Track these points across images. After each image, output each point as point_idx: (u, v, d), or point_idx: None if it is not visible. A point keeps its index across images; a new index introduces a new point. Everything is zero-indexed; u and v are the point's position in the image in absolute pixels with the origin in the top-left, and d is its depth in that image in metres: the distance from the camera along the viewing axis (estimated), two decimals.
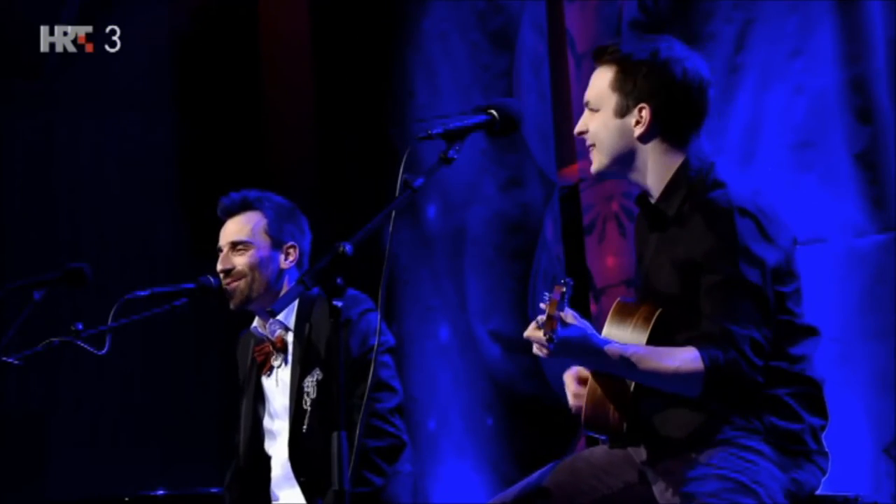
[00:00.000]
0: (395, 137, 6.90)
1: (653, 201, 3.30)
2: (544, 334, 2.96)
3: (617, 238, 5.65)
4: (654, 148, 3.26)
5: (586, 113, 3.34)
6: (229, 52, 7.33)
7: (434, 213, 6.70)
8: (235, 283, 4.22)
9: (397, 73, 6.94)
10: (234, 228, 4.27)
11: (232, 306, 4.26)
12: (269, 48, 7.40)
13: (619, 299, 3.32)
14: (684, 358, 3.08)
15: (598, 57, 3.33)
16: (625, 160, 3.29)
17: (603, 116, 3.29)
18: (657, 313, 3.21)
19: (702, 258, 3.13)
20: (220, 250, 4.29)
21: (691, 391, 3.10)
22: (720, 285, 3.10)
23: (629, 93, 3.25)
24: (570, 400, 3.34)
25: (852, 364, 4.54)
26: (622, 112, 3.26)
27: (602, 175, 3.35)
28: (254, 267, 4.22)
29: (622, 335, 3.21)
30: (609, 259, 5.70)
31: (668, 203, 3.25)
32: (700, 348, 3.08)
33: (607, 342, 3.11)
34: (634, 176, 3.31)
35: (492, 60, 6.43)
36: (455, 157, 3.11)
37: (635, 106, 3.25)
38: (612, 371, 3.16)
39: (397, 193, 3.00)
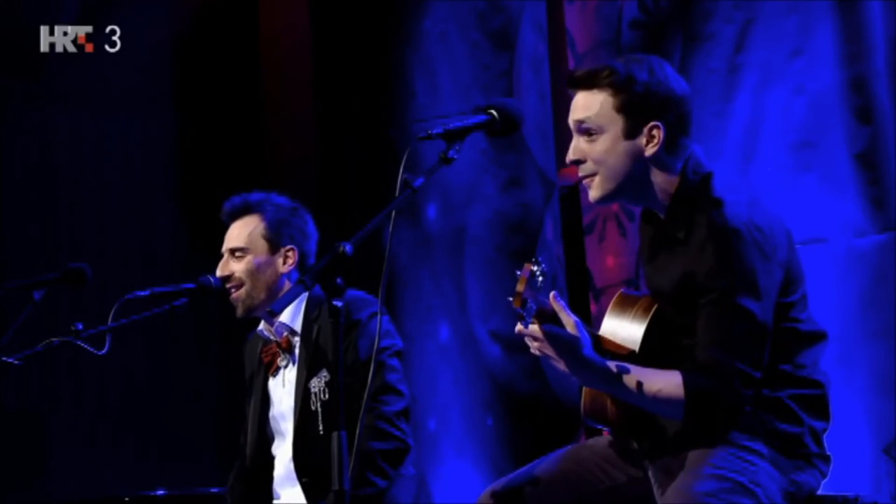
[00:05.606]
0: (395, 137, 6.89)
1: (662, 217, 3.27)
2: (517, 314, 2.98)
3: (617, 238, 5.64)
4: (658, 166, 3.21)
5: (580, 139, 3.25)
6: (229, 52, 7.32)
7: (434, 213, 6.70)
8: (237, 293, 4.24)
9: (397, 73, 6.93)
10: (234, 234, 4.29)
11: (238, 315, 4.29)
12: (269, 48, 7.39)
13: (621, 290, 3.32)
14: (667, 382, 3.08)
15: (589, 81, 3.23)
16: (634, 182, 3.22)
17: (608, 140, 3.21)
18: (657, 305, 3.22)
19: (701, 279, 3.11)
20: (223, 255, 4.31)
21: (674, 415, 3.11)
22: (715, 309, 3.08)
23: (638, 113, 3.18)
24: None
25: (852, 364, 4.54)
26: (631, 133, 3.20)
27: (603, 202, 3.29)
28: (251, 273, 4.23)
29: (621, 325, 3.22)
30: (609, 259, 5.69)
31: (675, 224, 3.21)
32: (685, 374, 3.08)
33: (595, 357, 3.10)
34: (639, 198, 3.27)
35: (492, 60, 6.43)
36: (455, 157, 3.11)
37: (645, 125, 3.19)
38: (596, 387, 3.17)
39: (397, 193, 3.01)
